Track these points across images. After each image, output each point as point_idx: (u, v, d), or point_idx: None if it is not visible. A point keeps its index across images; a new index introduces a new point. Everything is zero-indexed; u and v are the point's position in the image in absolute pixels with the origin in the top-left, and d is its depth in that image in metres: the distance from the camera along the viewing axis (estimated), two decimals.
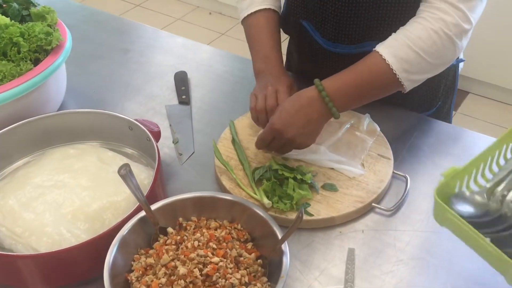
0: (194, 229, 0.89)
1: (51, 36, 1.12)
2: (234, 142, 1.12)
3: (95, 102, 1.29)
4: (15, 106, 1.07)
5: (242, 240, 0.88)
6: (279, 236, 0.84)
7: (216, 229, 0.89)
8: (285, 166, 1.04)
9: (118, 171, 0.84)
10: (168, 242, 0.86)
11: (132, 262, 0.85)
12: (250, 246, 0.88)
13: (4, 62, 1.07)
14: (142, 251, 0.87)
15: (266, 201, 0.97)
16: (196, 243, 0.83)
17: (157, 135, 1.07)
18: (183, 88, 1.32)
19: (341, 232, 0.98)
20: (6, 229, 0.91)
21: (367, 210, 1.01)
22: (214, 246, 0.84)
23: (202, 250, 0.82)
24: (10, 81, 1.06)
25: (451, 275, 0.90)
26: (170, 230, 0.89)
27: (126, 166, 0.85)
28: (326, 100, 1.00)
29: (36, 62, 1.11)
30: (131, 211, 0.89)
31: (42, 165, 1.03)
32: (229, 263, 0.82)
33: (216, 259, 0.81)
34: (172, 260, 0.82)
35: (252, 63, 1.17)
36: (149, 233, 0.89)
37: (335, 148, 1.11)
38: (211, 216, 0.92)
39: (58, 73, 1.14)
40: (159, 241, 0.88)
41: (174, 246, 0.85)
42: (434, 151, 1.14)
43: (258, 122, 1.11)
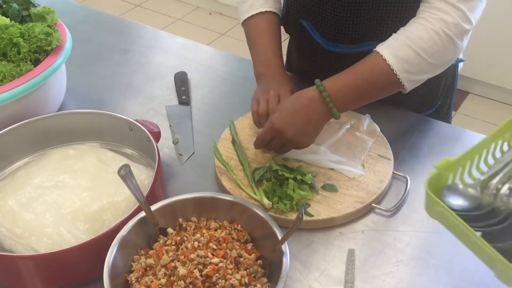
0: (194, 229, 0.89)
1: (51, 36, 1.12)
2: (234, 142, 1.12)
3: (95, 103, 1.29)
4: (15, 107, 1.07)
5: (242, 240, 0.88)
6: (279, 236, 0.84)
7: (216, 229, 0.89)
8: (285, 166, 1.04)
9: (118, 172, 0.84)
10: (168, 242, 0.86)
11: (132, 263, 0.85)
12: (250, 246, 0.88)
13: (4, 62, 1.07)
14: (142, 252, 0.87)
15: (266, 201, 0.97)
16: (196, 244, 0.83)
17: (157, 136, 1.07)
18: (183, 88, 1.32)
19: (341, 232, 0.98)
20: (6, 229, 0.91)
21: (367, 210, 1.01)
22: (214, 247, 0.84)
23: (202, 250, 0.82)
24: (10, 81, 1.06)
25: (451, 276, 0.90)
26: (170, 230, 0.89)
27: (126, 167, 0.85)
28: (326, 100, 1.00)
29: (36, 62, 1.11)
30: (131, 212, 0.88)
31: (42, 165, 1.03)
32: (229, 264, 0.82)
33: (216, 260, 0.81)
34: (172, 260, 0.82)
35: (252, 66, 1.17)
36: (149, 233, 0.89)
37: (335, 148, 1.11)
38: (211, 216, 0.92)
39: (58, 73, 1.14)
40: (159, 241, 0.87)
41: (174, 247, 0.85)
42: (434, 152, 1.13)
43: (259, 126, 1.10)
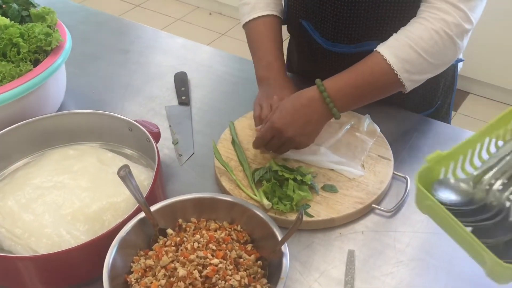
0: (193, 230, 0.89)
1: (51, 37, 1.12)
2: (234, 143, 1.12)
3: (95, 103, 1.29)
4: (15, 107, 1.07)
5: (241, 241, 0.88)
6: (279, 237, 0.84)
7: (215, 230, 0.89)
8: (285, 167, 1.04)
9: (118, 173, 0.84)
10: (167, 243, 0.86)
11: (131, 264, 0.85)
12: (250, 247, 0.88)
13: (3, 63, 1.07)
14: (142, 253, 0.87)
15: (266, 202, 0.97)
16: (195, 245, 0.83)
17: (156, 136, 1.07)
18: (183, 88, 1.32)
19: (341, 233, 0.98)
20: (5, 230, 0.91)
21: (367, 211, 1.01)
22: (214, 248, 0.83)
23: (201, 251, 0.82)
24: (9, 82, 1.06)
25: (451, 277, 0.90)
26: (169, 231, 0.89)
27: (126, 168, 0.84)
28: (327, 100, 1.00)
29: (35, 63, 1.11)
30: (131, 213, 0.88)
31: (41, 166, 1.02)
32: (228, 265, 0.81)
33: (215, 261, 0.81)
34: (171, 261, 0.82)
35: (252, 66, 1.17)
36: (148, 234, 0.89)
37: (335, 149, 1.10)
38: (211, 217, 0.92)
39: (57, 74, 1.14)
40: (159, 242, 0.87)
41: (173, 248, 0.84)
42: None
43: None
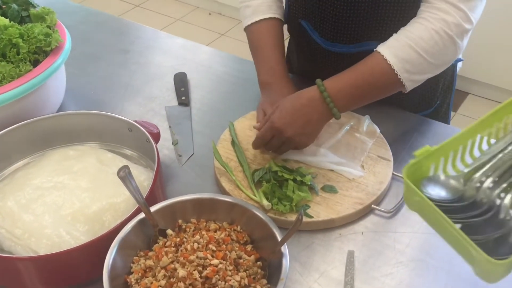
0: (193, 231, 0.89)
1: (50, 37, 1.12)
2: (234, 143, 1.12)
3: (95, 103, 1.29)
4: (14, 108, 1.07)
5: (241, 242, 0.88)
6: (279, 238, 0.84)
7: (215, 231, 0.89)
8: (284, 167, 1.04)
9: (117, 173, 0.84)
10: (167, 244, 0.86)
11: (131, 264, 0.85)
12: (249, 248, 0.88)
13: (3, 63, 1.07)
14: (142, 253, 0.87)
15: (265, 202, 0.97)
16: (195, 245, 0.83)
17: (156, 137, 1.07)
18: (183, 89, 1.32)
19: (340, 234, 0.98)
20: (5, 230, 0.91)
21: (367, 212, 1.01)
22: (214, 248, 0.83)
23: (201, 252, 0.82)
24: (9, 82, 1.06)
25: (451, 277, 0.90)
26: (169, 232, 0.89)
27: (125, 168, 0.84)
28: (327, 100, 1.00)
29: (35, 63, 1.11)
30: (131, 213, 0.88)
31: (41, 166, 1.02)
32: (228, 265, 0.81)
33: (215, 261, 0.81)
34: (171, 262, 0.82)
35: (252, 66, 1.17)
36: (148, 235, 0.89)
37: (335, 149, 1.10)
38: (211, 218, 0.92)
39: (57, 74, 1.14)
40: (159, 243, 0.87)
41: (173, 248, 0.84)
42: None
43: None
